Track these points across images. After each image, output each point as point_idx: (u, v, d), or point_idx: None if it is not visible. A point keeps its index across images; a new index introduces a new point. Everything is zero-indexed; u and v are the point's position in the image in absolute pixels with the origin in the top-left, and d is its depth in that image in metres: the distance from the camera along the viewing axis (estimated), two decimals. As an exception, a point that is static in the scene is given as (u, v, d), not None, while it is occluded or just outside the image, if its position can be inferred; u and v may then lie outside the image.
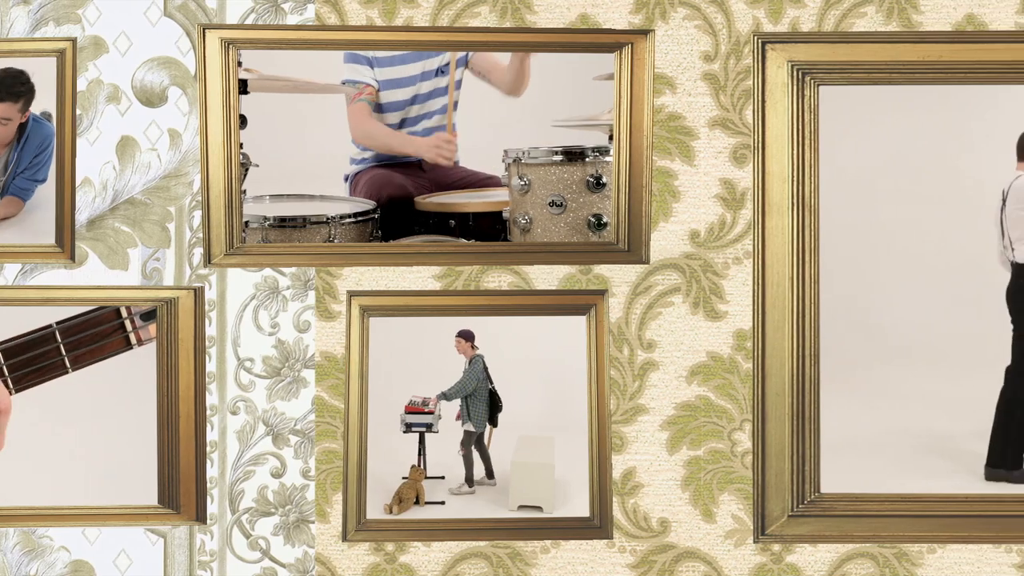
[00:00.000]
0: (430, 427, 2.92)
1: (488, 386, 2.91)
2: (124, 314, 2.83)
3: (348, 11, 2.88)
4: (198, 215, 2.90)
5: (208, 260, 2.87)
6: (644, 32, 2.86)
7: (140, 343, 2.85)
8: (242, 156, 2.86)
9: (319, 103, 2.98)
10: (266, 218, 2.90)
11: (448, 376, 2.92)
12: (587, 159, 2.92)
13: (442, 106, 3.01)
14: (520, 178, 2.94)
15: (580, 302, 2.89)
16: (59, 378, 2.82)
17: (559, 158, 2.92)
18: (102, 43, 2.89)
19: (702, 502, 2.91)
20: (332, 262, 2.89)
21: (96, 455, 2.87)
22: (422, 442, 2.92)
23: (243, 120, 2.86)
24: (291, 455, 2.92)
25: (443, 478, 2.94)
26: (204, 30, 2.83)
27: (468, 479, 2.93)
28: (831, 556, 2.91)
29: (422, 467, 2.93)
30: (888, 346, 2.92)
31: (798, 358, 2.87)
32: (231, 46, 2.83)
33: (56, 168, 2.86)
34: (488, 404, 2.91)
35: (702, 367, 2.90)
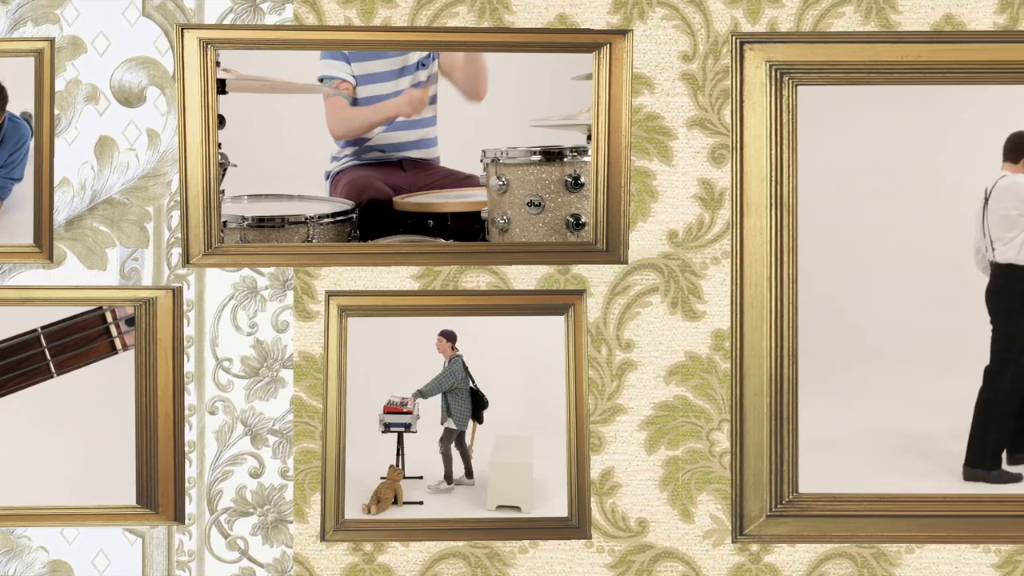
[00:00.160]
0: (408, 427, 2.92)
1: (469, 384, 2.91)
2: (109, 319, 2.84)
3: (326, 11, 2.88)
4: (176, 215, 2.90)
5: (186, 260, 2.87)
6: (622, 32, 2.86)
7: (125, 348, 2.86)
8: (220, 156, 2.86)
9: (297, 103, 2.98)
10: (244, 218, 2.90)
11: (427, 376, 2.92)
12: (565, 159, 2.92)
13: (425, 117, 3.01)
14: (498, 178, 2.94)
15: (558, 302, 2.89)
16: (44, 383, 2.84)
17: (537, 158, 2.92)
18: (80, 43, 2.89)
19: (680, 502, 2.91)
20: (310, 262, 2.89)
21: (74, 455, 2.87)
22: (400, 442, 2.92)
23: (221, 120, 2.86)
24: (269, 455, 2.92)
25: (421, 478, 2.94)
26: (182, 30, 2.83)
27: (447, 476, 2.93)
28: (809, 556, 2.91)
29: (400, 467, 2.93)
30: (866, 346, 2.92)
31: (776, 358, 2.87)
32: (209, 46, 2.83)
33: (34, 168, 2.86)
34: (470, 402, 2.91)
35: (680, 367, 2.90)
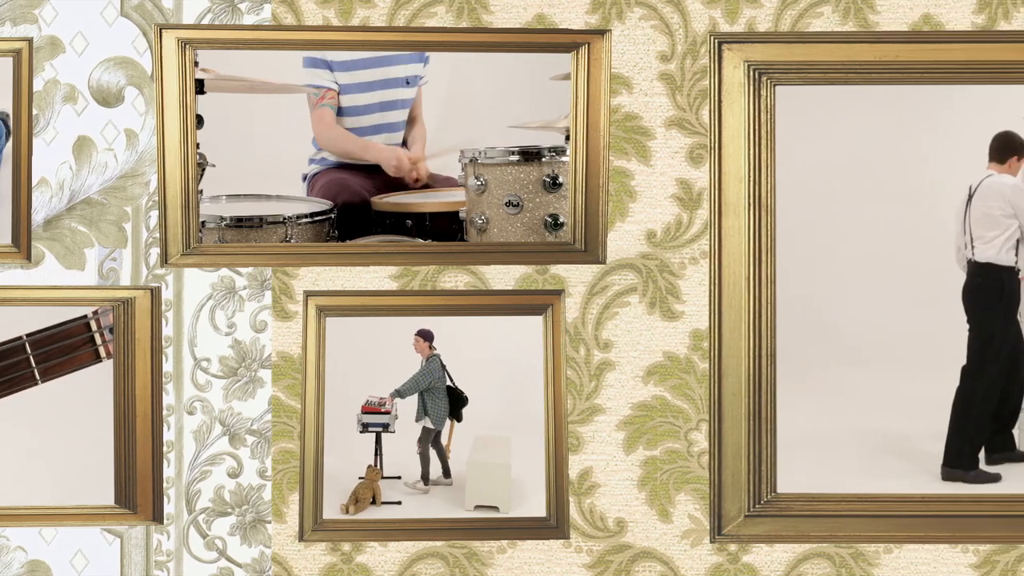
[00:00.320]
0: (386, 427, 2.92)
1: (446, 383, 2.91)
2: (94, 327, 2.84)
3: (304, 11, 2.88)
4: (155, 215, 2.90)
5: (165, 260, 2.87)
6: (600, 32, 2.86)
7: (109, 356, 2.86)
8: (199, 156, 2.86)
9: (275, 103, 2.98)
10: (222, 218, 2.90)
11: (405, 376, 2.92)
12: (543, 159, 2.92)
13: (401, 121, 3.02)
14: (476, 178, 2.94)
15: (536, 302, 2.89)
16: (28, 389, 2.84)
17: (516, 158, 2.92)
18: (58, 43, 2.89)
19: (658, 502, 2.91)
20: (289, 262, 2.89)
21: (53, 455, 2.87)
22: (378, 442, 2.92)
23: (200, 120, 2.86)
24: (248, 455, 2.92)
25: (399, 478, 2.94)
26: (160, 30, 2.83)
27: (424, 476, 2.93)
28: (787, 556, 2.91)
29: (378, 467, 2.93)
30: (844, 346, 2.92)
31: (754, 358, 2.87)
32: (188, 46, 2.83)
33: (12, 168, 2.86)
34: (447, 401, 2.91)
35: (658, 367, 2.90)
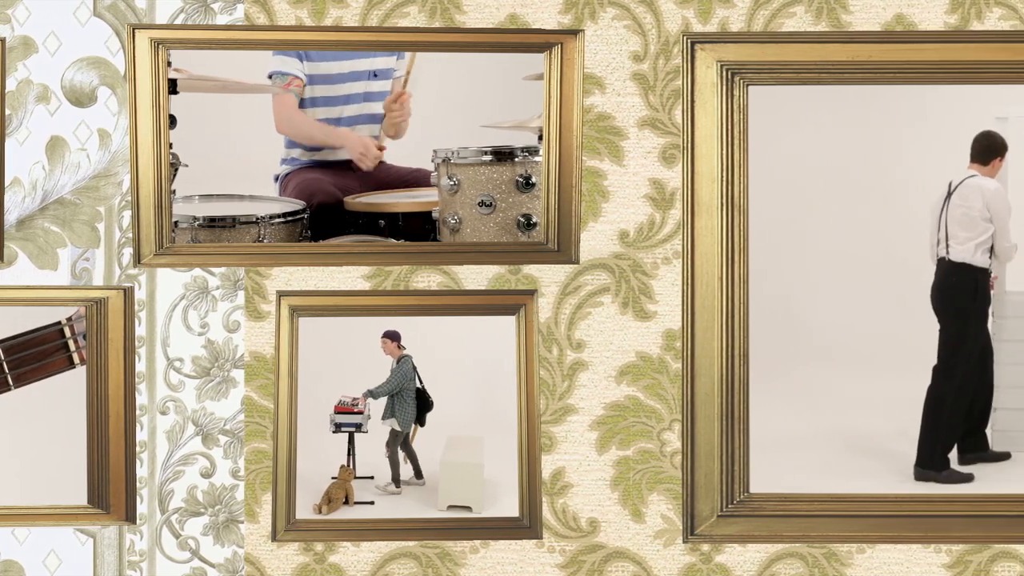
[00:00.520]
0: (359, 427, 2.92)
1: (416, 385, 2.91)
2: (67, 333, 2.84)
3: (277, 11, 2.88)
4: (127, 215, 2.90)
5: (138, 260, 2.87)
6: (573, 32, 2.86)
7: (83, 362, 2.86)
8: (172, 156, 2.86)
9: (248, 103, 2.97)
10: (195, 218, 2.90)
11: (377, 376, 2.92)
12: (516, 159, 2.92)
13: (372, 114, 3.01)
14: (449, 178, 2.94)
15: (509, 302, 2.89)
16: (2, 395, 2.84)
17: (488, 158, 2.92)
18: (31, 43, 2.89)
19: (631, 502, 2.91)
20: (261, 262, 2.89)
21: (25, 455, 2.87)
22: (351, 442, 2.92)
23: (172, 120, 2.85)
24: (220, 455, 2.92)
25: (372, 478, 2.94)
26: (133, 30, 2.83)
27: (395, 479, 2.93)
28: (760, 556, 2.91)
29: (351, 467, 2.93)
30: (817, 346, 2.92)
31: (727, 358, 2.87)
32: (161, 46, 2.83)
33: (-15, 168, 2.86)
34: (415, 403, 2.91)
35: (631, 367, 2.90)
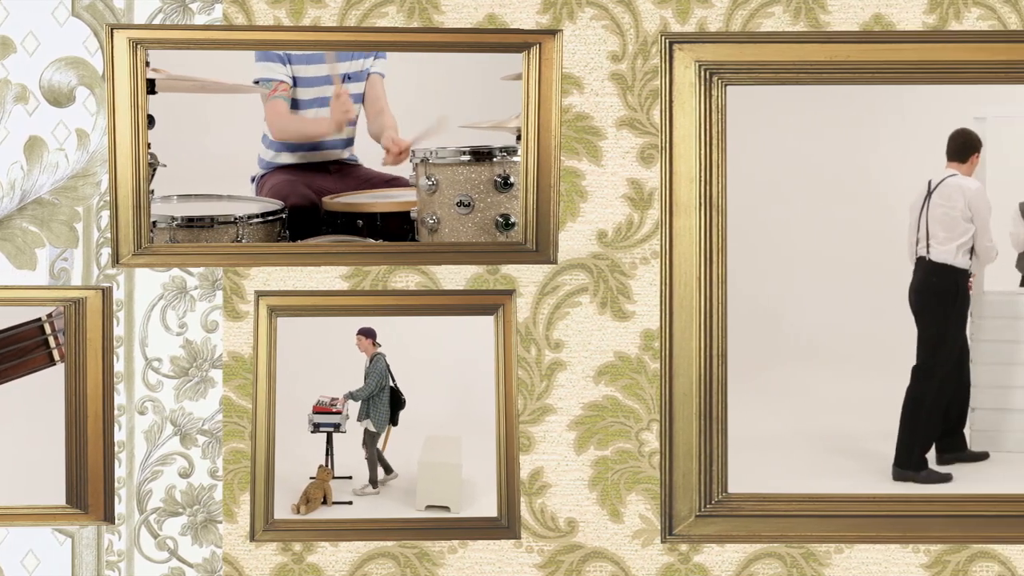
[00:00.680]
0: (338, 427, 2.92)
1: (390, 384, 2.91)
2: (48, 330, 2.84)
3: (256, 11, 2.88)
4: (106, 215, 2.90)
5: (116, 260, 2.87)
6: (552, 32, 2.86)
7: (63, 359, 2.86)
8: (150, 156, 2.86)
9: (226, 103, 2.97)
10: (174, 218, 2.90)
11: (355, 376, 2.92)
12: (495, 159, 2.92)
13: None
14: (428, 178, 2.94)
15: (488, 302, 2.89)
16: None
17: (467, 158, 2.92)
18: (10, 43, 2.89)
19: (609, 502, 2.91)
20: (240, 262, 2.89)
21: (3, 454, 2.87)
22: (330, 442, 2.93)
23: (151, 120, 2.86)
24: (199, 455, 2.92)
25: (351, 478, 2.94)
26: (112, 30, 2.83)
27: (372, 480, 2.93)
28: (738, 556, 2.91)
29: (329, 467, 2.93)
30: (795, 346, 2.93)
31: (705, 358, 2.87)
32: (139, 46, 2.83)
33: (-37, 168, 2.86)
34: (389, 403, 2.91)
35: (609, 367, 2.90)
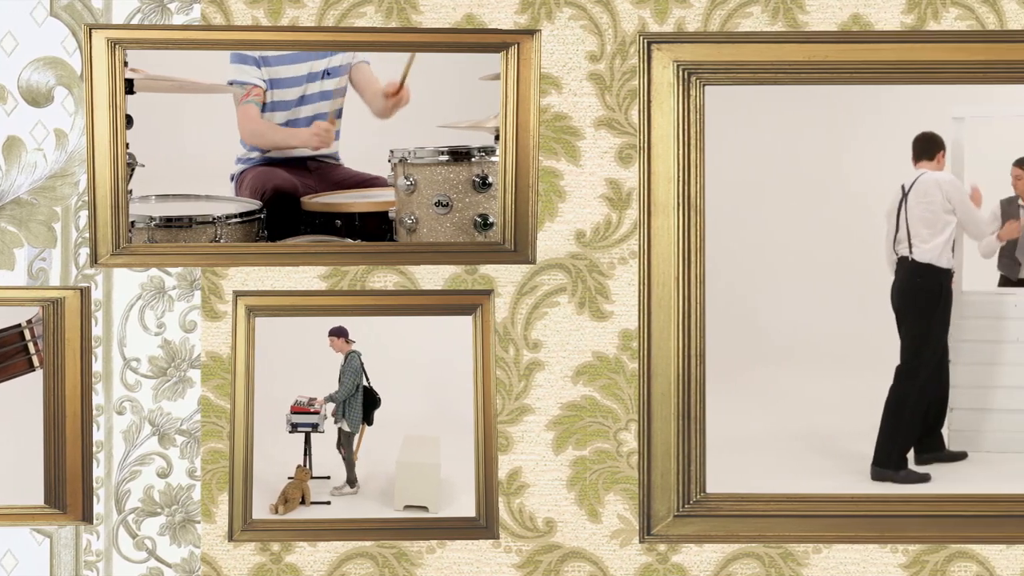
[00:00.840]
0: (316, 427, 2.92)
1: (364, 383, 2.91)
2: (28, 336, 2.84)
3: (234, 11, 2.88)
4: (84, 215, 2.90)
5: (94, 260, 2.87)
6: (530, 32, 2.86)
7: (43, 365, 2.86)
8: (128, 156, 2.86)
9: (205, 103, 2.97)
10: (152, 218, 2.90)
11: (334, 376, 2.92)
12: (473, 159, 2.92)
13: (326, 112, 3.01)
14: (406, 178, 2.94)
15: (466, 302, 2.89)
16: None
17: (445, 158, 2.92)
18: (-12, 43, 2.90)
19: (588, 502, 2.91)
20: (218, 262, 2.89)
21: (-18, 455, 2.88)
22: (308, 442, 2.92)
23: (129, 120, 2.86)
24: (177, 455, 2.92)
25: (329, 478, 2.94)
26: (90, 30, 2.83)
27: (350, 480, 2.93)
28: (717, 556, 2.91)
29: (308, 467, 2.93)
30: (773, 346, 2.93)
31: (684, 358, 2.87)
32: (117, 46, 2.83)
33: (-59, 168, 2.86)
34: (364, 402, 2.91)
35: (588, 367, 2.90)
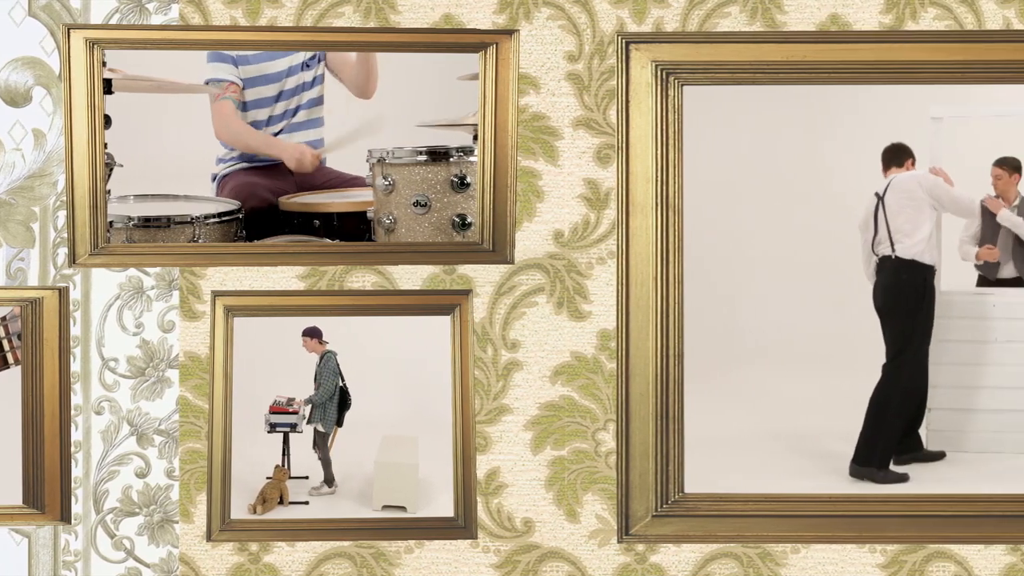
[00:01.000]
0: (294, 427, 2.92)
1: (339, 384, 2.91)
2: (2, 333, 2.84)
3: (212, 11, 2.88)
4: (63, 215, 2.90)
5: (73, 260, 2.87)
6: (508, 32, 2.86)
7: (17, 363, 2.86)
8: (107, 156, 2.86)
9: (183, 103, 2.97)
10: (130, 218, 2.90)
11: (312, 376, 2.92)
12: (451, 159, 2.92)
13: (308, 100, 3.01)
14: (384, 178, 2.94)
15: (444, 302, 2.89)
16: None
17: (423, 158, 2.92)
18: (-34, 43, 2.90)
19: (566, 502, 2.91)
20: (196, 262, 2.89)
21: (-40, 455, 2.88)
22: (286, 442, 2.92)
23: (108, 120, 2.86)
24: (155, 455, 2.92)
25: (307, 478, 2.94)
26: (69, 30, 2.83)
27: (327, 480, 2.93)
28: (695, 556, 2.91)
29: (286, 467, 2.93)
30: (752, 346, 2.93)
31: (662, 358, 2.87)
32: (96, 46, 2.83)
33: (-80, 168, 2.86)
34: (338, 403, 2.91)
35: (566, 367, 2.90)
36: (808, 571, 2.89)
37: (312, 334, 2.89)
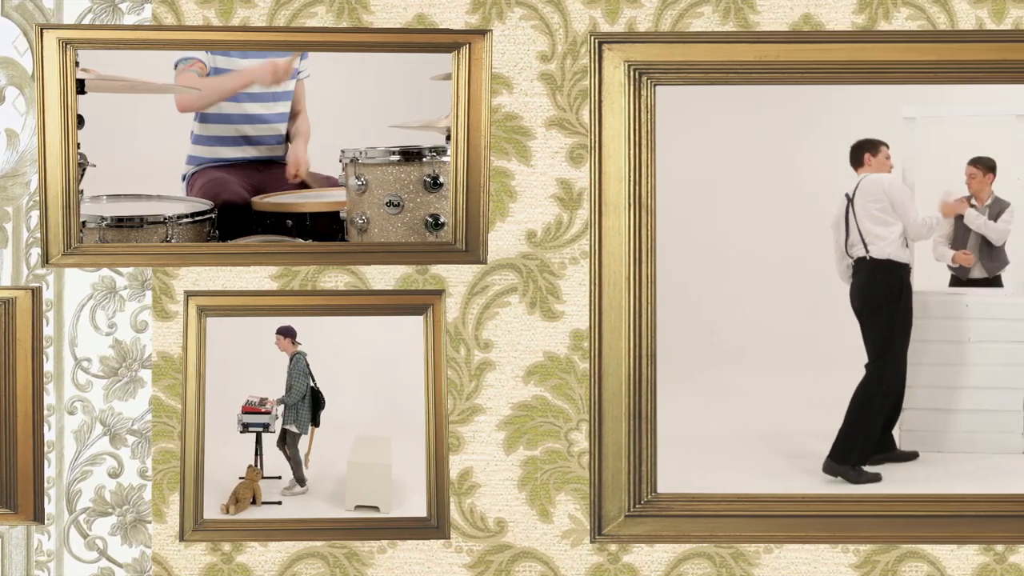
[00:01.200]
0: (267, 427, 2.92)
1: (311, 384, 2.91)
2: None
3: (185, 11, 2.88)
4: (35, 215, 2.90)
5: (45, 260, 2.87)
6: (481, 32, 2.86)
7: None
8: (80, 156, 2.86)
9: (156, 103, 2.97)
10: (103, 218, 2.90)
11: (285, 376, 2.92)
12: (424, 159, 2.92)
13: (279, 113, 3.02)
14: (357, 178, 2.94)
15: (417, 302, 2.89)
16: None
17: (396, 158, 2.92)
18: (-61, 43, 2.90)
19: (539, 502, 2.91)
20: (169, 262, 2.89)
21: (-67, 455, 2.88)
22: (259, 442, 2.92)
23: (80, 120, 2.85)
24: (128, 455, 2.92)
25: (280, 478, 2.94)
26: (41, 30, 2.83)
27: (299, 479, 2.93)
28: (668, 556, 2.91)
29: (259, 467, 2.93)
30: (724, 346, 2.93)
31: (635, 358, 2.87)
32: (69, 46, 2.83)
33: None
34: (311, 404, 2.91)
35: (539, 367, 2.90)
36: (781, 571, 2.89)
37: (286, 333, 2.89)
